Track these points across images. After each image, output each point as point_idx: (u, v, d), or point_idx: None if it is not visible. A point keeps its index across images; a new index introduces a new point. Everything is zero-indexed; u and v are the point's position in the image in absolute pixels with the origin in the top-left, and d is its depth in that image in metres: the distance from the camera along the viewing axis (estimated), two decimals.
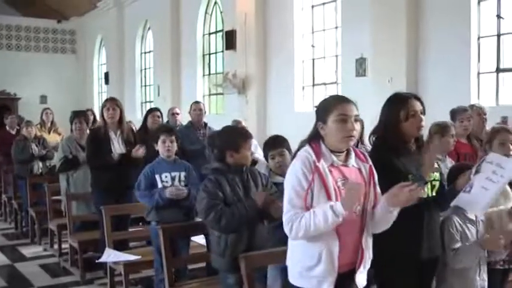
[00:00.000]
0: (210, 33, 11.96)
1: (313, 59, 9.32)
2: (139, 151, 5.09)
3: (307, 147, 2.46)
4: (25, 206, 7.48)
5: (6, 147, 8.20)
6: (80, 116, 6.35)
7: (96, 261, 4.85)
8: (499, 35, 6.72)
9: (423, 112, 2.92)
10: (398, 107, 2.89)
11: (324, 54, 9.14)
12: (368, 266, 2.49)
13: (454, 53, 6.93)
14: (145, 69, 14.73)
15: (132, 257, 4.62)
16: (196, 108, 6.82)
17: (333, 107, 2.40)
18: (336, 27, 8.74)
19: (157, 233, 3.86)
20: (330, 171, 2.38)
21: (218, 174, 3.22)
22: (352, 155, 2.48)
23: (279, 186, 3.41)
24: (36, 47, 17.26)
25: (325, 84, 9.13)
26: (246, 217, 3.12)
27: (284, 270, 3.46)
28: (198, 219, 4.34)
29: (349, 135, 2.38)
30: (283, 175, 3.55)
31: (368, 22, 7.70)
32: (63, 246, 6.19)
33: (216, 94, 11.65)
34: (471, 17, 6.80)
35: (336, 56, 8.78)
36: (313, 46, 9.29)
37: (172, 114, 7.33)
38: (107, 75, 15.79)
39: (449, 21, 6.99)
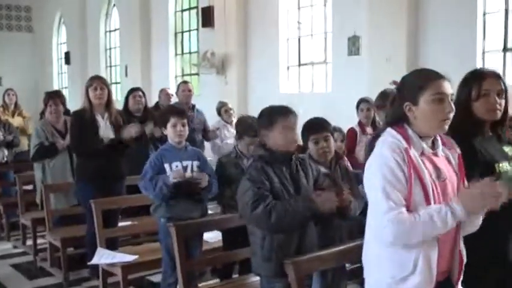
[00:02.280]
0: (183, 10, 11.26)
1: (299, 37, 8.78)
2: (132, 130, 4.48)
3: (392, 132, 2.05)
4: None
5: None
6: (54, 97, 5.64)
7: (88, 263, 4.25)
8: (506, 11, 6.28)
9: (502, 94, 2.50)
10: (471, 83, 2.52)
11: (311, 32, 8.62)
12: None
13: (458, 30, 6.52)
14: (110, 48, 13.88)
15: (129, 257, 4.06)
16: (185, 88, 6.33)
17: (426, 84, 2.04)
18: (325, 4, 8.22)
19: (168, 232, 3.33)
20: (422, 161, 2.00)
21: (263, 162, 2.70)
22: (439, 141, 2.12)
23: None
24: None
25: (312, 64, 8.63)
26: (300, 217, 2.61)
27: (323, 272, 3.05)
28: (213, 213, 3.82)
29: (447, 118, 2.02)
30: (325, 163, 3.12)
31: None
32: (39, 242, 5.55)
33: (190, 74, 11.00)
34: None
35: (325, 33, 8.28)
36: (299, 23, 8.76)
37: (167, 94, 6.72)
38: (67, 54, 14.84)
39: None
